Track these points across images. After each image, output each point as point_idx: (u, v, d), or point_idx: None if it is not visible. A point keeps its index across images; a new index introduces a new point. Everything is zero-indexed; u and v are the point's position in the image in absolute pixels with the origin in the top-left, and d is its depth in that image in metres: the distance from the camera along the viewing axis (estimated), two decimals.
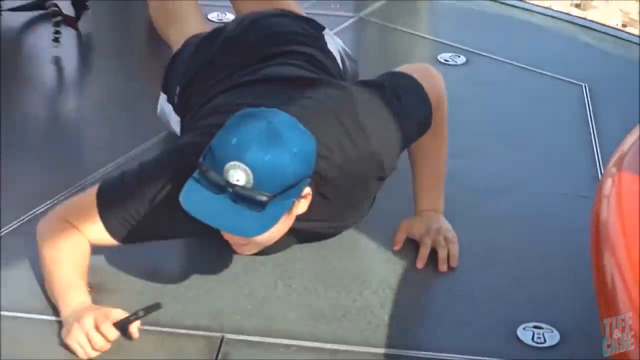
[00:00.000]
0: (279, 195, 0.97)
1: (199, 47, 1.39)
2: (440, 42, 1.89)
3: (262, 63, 1.29)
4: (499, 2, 2.09)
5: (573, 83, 1.66)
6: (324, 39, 1.41)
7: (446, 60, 1.78)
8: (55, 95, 1.81)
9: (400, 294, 1.10)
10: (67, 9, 1.86)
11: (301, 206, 1.04)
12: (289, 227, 1.08)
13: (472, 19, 2.09)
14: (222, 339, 1.00)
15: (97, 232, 1.09)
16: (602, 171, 1.33)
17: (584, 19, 2.13)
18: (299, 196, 1.01)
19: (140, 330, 1.01)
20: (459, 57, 1.79)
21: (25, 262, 1.12)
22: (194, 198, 0.99)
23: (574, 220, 1.16)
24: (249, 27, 1.41)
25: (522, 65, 1.75)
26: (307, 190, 1.02)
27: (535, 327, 1.07)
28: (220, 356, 1.00)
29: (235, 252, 1.11)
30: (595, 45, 1.89)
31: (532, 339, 1.05)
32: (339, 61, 1.41)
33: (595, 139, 1.46)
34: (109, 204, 1.07)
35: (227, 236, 1.04)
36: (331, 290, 1.11)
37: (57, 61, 1.81)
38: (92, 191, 1.08)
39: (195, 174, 0.98)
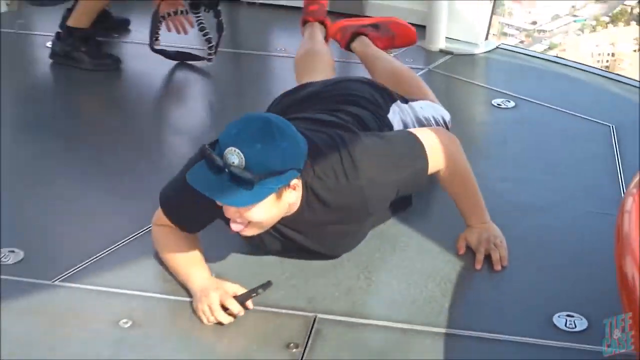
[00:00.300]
0: (266, 179, 1.08)
1: (294, 90, 1.60)
2: (493, 89, 2.10)
3: (322, 112, 1.44)
4: (542, 58, 2.34)
5: (602, 124, 1.83)
6: (387, 109, 1.55)
7: (498, 105, 1.99)
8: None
9: (458, 286, 1.25)
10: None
11: (291, 195, 1.16)
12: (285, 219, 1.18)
13: (520, 71, 2.30)
14: (315, 318, 1.16)
15: (172, 225, 1.24)
16: (624, 192, 1.39)
17: (614, 73, 2.40)
18: (286, 184, 1.13)
19: (252, 310, 1.16)
20: (509, 102, 1.99)
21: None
22: (199, 176, 1.11)
23: (600, 232, 1.28)
24: (332, 86, 1.61)
25: (559, 109, 1.93)
26: (295, 182, 1.14)
27: (567, 315, 1.18)
28: (313, 331, 1.15)
29: (244, 239, 1.21)
30: (622, 95, 2.06)
31: (565, 325, 1.17)
32: (395, 128, 1.54)
33: (620, 170, 1.64)
34: (166, 200, 1.22)
35: (232, 220, 1.13)
36: (403, 282, 1.25)
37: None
38: None
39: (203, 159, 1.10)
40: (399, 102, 1.58)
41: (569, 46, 12.91)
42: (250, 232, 1.17)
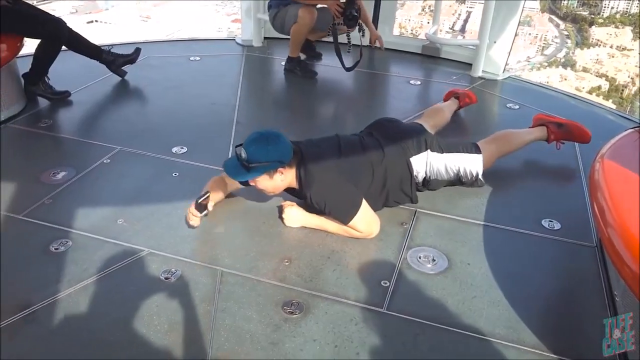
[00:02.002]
0: (256, 167, 1.92)
1: (391, 120, 2.44)
2: (507, 98, 3.39)
3: (360, 134, 2.29)
4: (528, 82, 3.84)
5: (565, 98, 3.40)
6: (410, 152, 2.20)
7: (509, 107, 3.33)
8: None
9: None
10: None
11: (279, 177, 1.99)
12: (286, 187, 2.05)
13: (520, 89, 3.65)
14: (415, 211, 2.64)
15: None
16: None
17: (569, 93, 4.04)
18: (272, 171, 1.95)
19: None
20: (516, 105, 3.36)
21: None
22: (229, 163, 2.00)
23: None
24: (383, 121, 2.38)
25: (540, 110, 3.37)
26: (282, 169, 1.96)
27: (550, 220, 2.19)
28: (416, 215, 2.78)
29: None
30: (568, 99, 3.63)
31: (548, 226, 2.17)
32: (412, 170, 2.22)
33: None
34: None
35: (258, 188, 2.04)
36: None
37: None
38: None
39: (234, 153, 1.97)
40: (429, 151, 2.21)
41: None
42: (269, 194, 2.10)
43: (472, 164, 2.28)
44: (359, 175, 2.11)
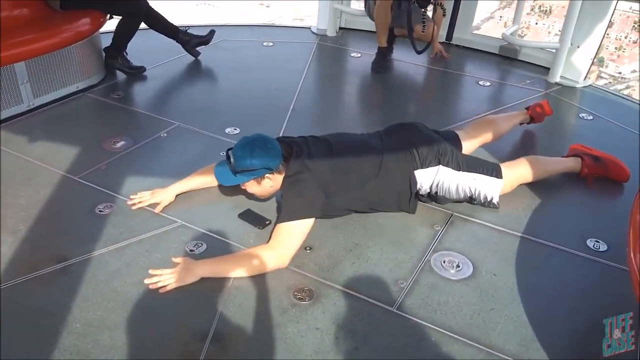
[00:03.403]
0: (242, 172, 1.92)
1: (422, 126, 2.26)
2: (581, 107, 3.20)
3: (375, 134, 2.19)
4: (613, 93, 3.49)
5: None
6: (416, 164, 2.07)
7: (582, 117, 3.12)
8: None
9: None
10: None
11: (267, 182, 1.98)
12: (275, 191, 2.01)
13: (600, 99, 3.40)
14: (452, 214, 2.41)
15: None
16: None
17: None
18: (259, 177, 1.94)
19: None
20: (590, 116, 3.13)
21: None
22: (220, 168, 1.99)
23: None
24: (399, 126, 2.25)
25: (620, 124, 3.02)
26: (269, 175, 1.94)
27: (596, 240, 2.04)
28: (450, 220, 2.78)
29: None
30: None
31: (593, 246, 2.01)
32: (417, 181, 2.08)
33: None
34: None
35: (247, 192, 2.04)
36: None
37: None
38: None
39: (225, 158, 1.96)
40: (440, 166, 2.08)
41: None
42: (260, 197, 2.10)
43: (488, 188, 2.14)
44: (346, 184, 2.03)
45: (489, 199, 2.13)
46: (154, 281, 1.80)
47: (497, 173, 2.15)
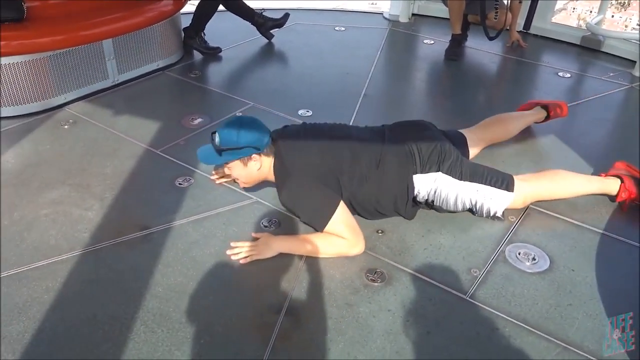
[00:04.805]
0: (228, 151, 1.79)
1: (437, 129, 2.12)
2: None
3: (379, 130, 2.04)
4: None
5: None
6: (415, 168, 1.93)
7: None
8: None
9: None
10: None
11: (254, 164, 1.85)
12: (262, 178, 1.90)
13: None
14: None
15: None
16: None
17: None
18: (246, 157, 1.81)
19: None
20: None
21: None
22: (204, 148, 1.89)
23: None
24: (405, 124, 2.11)
25: None
26: (256, 156, 1.82)
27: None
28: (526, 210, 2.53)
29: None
30: None
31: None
32: (415, 187, 1.94)
33: None
34: None
35: (233, 176, 1.92)
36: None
37: None
38: None
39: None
40: (440, 173, 1.92)
41: None
42: (243, 185, 1.97)
43: (494, 201, 1.97)
44: (335, 182, 1.89)
45: (492, 213, 2.00)
46: (235, 252, 1.85)
47: (507, 185, 1.97)
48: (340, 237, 1.81)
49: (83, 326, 1.63)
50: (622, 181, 2.10)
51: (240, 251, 1.85)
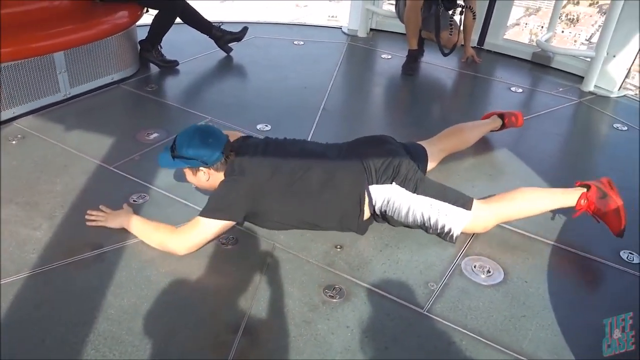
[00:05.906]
0: (179, 159, 1.90)
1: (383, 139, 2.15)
2: (615, 117, 3.17)
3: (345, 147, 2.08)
4: None
5: None
6: (371, 179, 1.95)
7: (616, 127, 3.11)
8: None
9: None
10: None
11: (202, 175, 1.95)
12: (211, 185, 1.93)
13: (634, 111, 3.37)
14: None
15: None
16: None
17: None
18: (194, 167, 1.92)
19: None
20: (624, 127, 3.09)
21: None
22: (163, 155, 1.96)
23: None
24: (366, 138, 2.14)
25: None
26: (204, 169, 1.91)
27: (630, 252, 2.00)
28: None
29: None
30: None
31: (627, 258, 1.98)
32: (372, 198, 1.95)
33: None
34: None
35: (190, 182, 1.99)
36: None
37: None
38: None
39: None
40: (393, 184, 1.94)
41: None
42: (201, 189, 2.09)
43: (449, 218, 1.94)
44: (284, 195, 1.94)
45: (445, 231, 1.96)
46: (89, 217, 2.03)
47: (464, 204, 1.96)
48: (183, 234, 1.86)
49: (31, 352, 1.56)
50: (588, 189, 2.05)
51: (93, 218, 2.02)
